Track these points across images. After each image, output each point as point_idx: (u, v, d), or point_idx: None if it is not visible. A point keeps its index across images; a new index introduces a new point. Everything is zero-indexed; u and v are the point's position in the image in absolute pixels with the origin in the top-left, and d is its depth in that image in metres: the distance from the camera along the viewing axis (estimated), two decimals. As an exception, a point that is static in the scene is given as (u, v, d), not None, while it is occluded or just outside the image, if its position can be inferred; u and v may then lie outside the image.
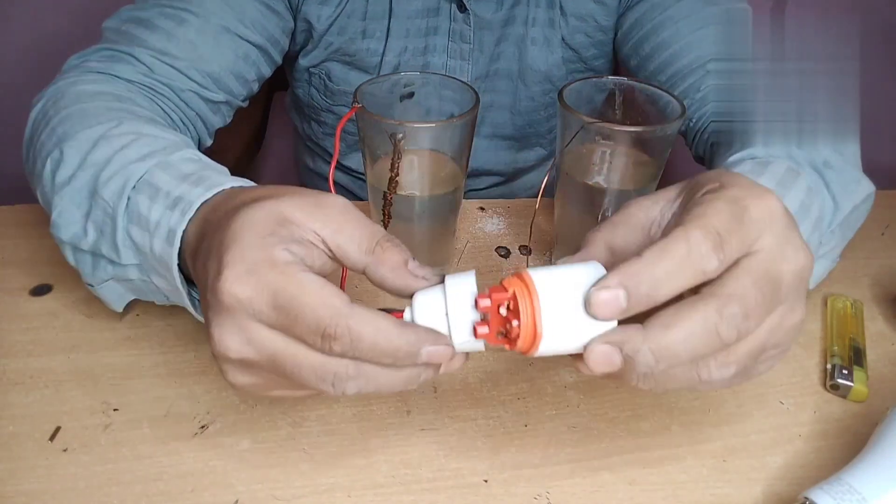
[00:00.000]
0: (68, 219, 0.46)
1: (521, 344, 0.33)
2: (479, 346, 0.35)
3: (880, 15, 1.24)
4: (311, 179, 0.96)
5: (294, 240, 0.35)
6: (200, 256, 0.37)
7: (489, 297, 0.33)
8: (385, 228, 0.54)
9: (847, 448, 0.46)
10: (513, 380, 0.51)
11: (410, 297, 0.35)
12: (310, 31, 0.73)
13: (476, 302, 0.34)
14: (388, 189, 0.51)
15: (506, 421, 0.48)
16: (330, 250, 0.35)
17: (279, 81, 1.07)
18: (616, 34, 0.79)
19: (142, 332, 0.52)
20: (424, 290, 0.35)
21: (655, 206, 0.37)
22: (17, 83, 0.86)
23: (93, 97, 0.53)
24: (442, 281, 0.35)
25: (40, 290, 0.56)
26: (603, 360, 0.32)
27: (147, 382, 0.49)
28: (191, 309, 0.44)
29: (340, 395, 0.34)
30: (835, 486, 0.39)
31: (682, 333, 0.31)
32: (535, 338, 0.33)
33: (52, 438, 0.45)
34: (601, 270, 0.33)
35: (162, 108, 0.59)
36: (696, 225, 0.32)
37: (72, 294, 0.55)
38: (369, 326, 0.32)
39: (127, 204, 0.44)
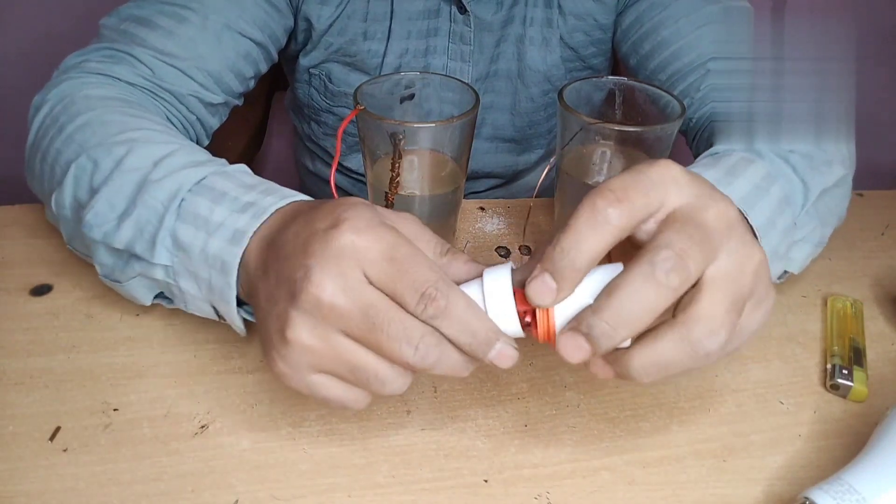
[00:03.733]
0: (102, 219, 0.47)
1: (541, 337, 0.36)
2: (518, 334, 0.37)
3: (879, 15, 1.24)
4: (310, 180, 0.96)
5: None
6: (293, 227, 0.38)
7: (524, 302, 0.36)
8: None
9: (847, 448, 0.46)
10: (513, 380, 0.51)
11: None
12: (309, 30, 0.73)
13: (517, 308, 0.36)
14: (389, 189, 0.51)
15: (506, 421, 0.48)
16: None
17: (279, 81, 1.07)
18: (615, 32, 0.79)
19: (142, 332, 0.52)
20: (465, 285, 0.37)
21: None
22: (17, 84, 0.86)
23: (104, 102, 0.53)
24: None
25: (40, 290, 0.56)
26: (572, 347, 0.34)
27: (147, 382, 0.49)
28: (232, 311, 0.43)
29: (418, 362, 0.35)
30: (835, 486, 0.39)
31: (624, 292, 0.33)
32: (549, 331, 0.36)
33: (52, 438, 0.45)
34: (620, 268, 0.35)
35: (164, 112, 0.59)
36: (592, 193, 0.35)
37: (72, 294, 0.55)
38: (462, 301, 0.35)
39: (180, 204, 0.44)
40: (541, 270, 0.34)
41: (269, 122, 1.12)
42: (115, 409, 0.47)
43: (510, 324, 0.36)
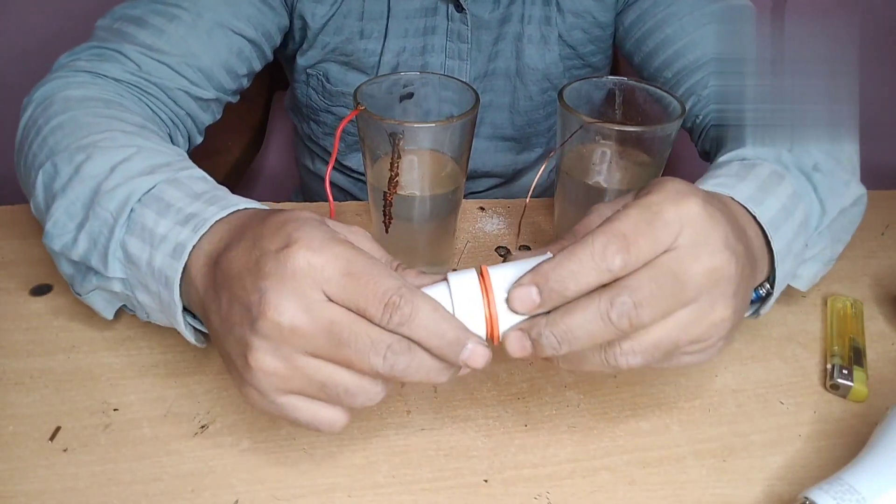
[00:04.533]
0: (61, 229, 0.46)
1: (486, 336, 0.37)
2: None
3: (880, 15, 1.24)
4: (310, 180, 0.96)
5: None
6: (241, 245, 0.38)
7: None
8: (387, 229, 0.54)
9: (847, 448, 0.47)
10: (513, 380, 0.51)
11: None
12: (305, 29, 0.73)
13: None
14: (389, 189, 0.51)
15: (506, 421, 0.48)
16: None
17: (279, 81, 1.07)
18: (617, 31, 0.79)
19: (142, 332, 0.52)
20: (428, 288, 0.37)
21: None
22: (15, 84, 0.86)
23: (81, 103, 0.53)
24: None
25: (40, 290, 0.56)
26: (517, 345, 0.36)
27: (147, 382, 0.49)
28: (180, 326, 0.43)
29: (388, 370, 0.35)
30: (835, 486, 0.39)
31: (578, 319, 0.35)
32: (493, 331, 0.37)
33: (52, 438, 0.45)
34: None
35: (151, 109, 0.59)
36: (602, 230, 0.35)
37: (72, 294, 0.55)
38: (428, 305, 0.35)
39: (129, 215, 0.44)
40: (530, 282, 0.35)
41: (269, 122, 1.12)
42: (115, 409, 0.47)
43: (478, 325, 0.36)
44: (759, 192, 0.47)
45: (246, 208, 0.43)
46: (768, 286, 0.48)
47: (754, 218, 0.46)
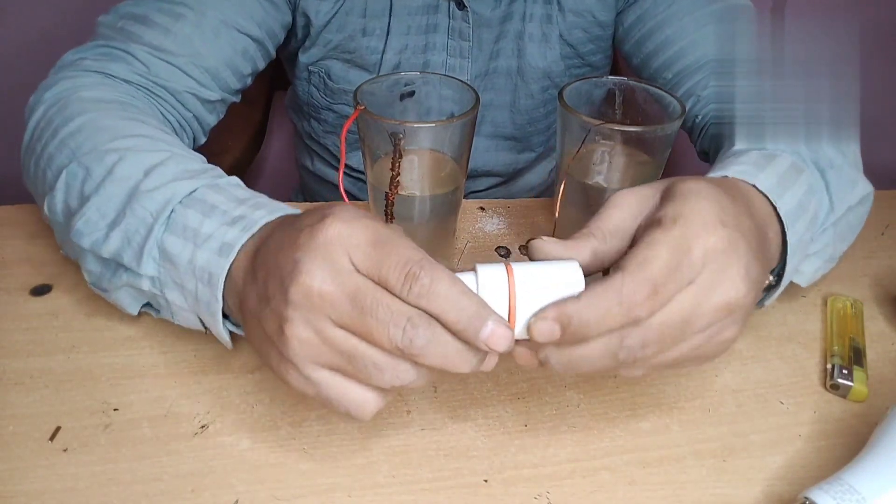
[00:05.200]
0: (92, 227, 0.47)
1: None
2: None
3: (880, 15, 1.24)
4: (310, 180, 0.96)
5: None
6: (280, 231, 0.39)
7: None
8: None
9: (847, 448, 0.47)
10: (513, 380, 0.51)
11: None
12: (308, 26, 0.73)
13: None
14: (390, 189, 0.51)
15: (506, 421, 0.48)
16: None
17: (280, 81, 1.07)
18: (616, 31, 0.79)
19: (142, 332, 0.52)
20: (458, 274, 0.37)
21: (641, 209, 0.41)
22: (16, 82, 0.86)
23: (97, 105, 0.53)
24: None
25: (40, 290, 0.56)
26: (524, 359, 0.38)
27: (147, 382, 0.49)
28: (217, 324, 0.43)
29: (407, 345, 0.35)
30: (835, 486, 0.39)
31: (586, 352, 0.37)
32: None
33: (52, 438, 0.45)
34: (577, 273, 0.37)
35: (160, 111, 0.59)
36: (633, 275, 0.36)
37: (72, 294, 0.55)
38: (447, 280, 0.35)
39: (170, 215, 0.44)
40: (553, 319, 0.36)
41: (269, 122, 1.12)
42: (115, 409, 0.47)
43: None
44: (778, 185, 0.47)
45: (292, 213, 0.43)
46: (773, 278, 0.48)
47: (774, 209, 0.46)
